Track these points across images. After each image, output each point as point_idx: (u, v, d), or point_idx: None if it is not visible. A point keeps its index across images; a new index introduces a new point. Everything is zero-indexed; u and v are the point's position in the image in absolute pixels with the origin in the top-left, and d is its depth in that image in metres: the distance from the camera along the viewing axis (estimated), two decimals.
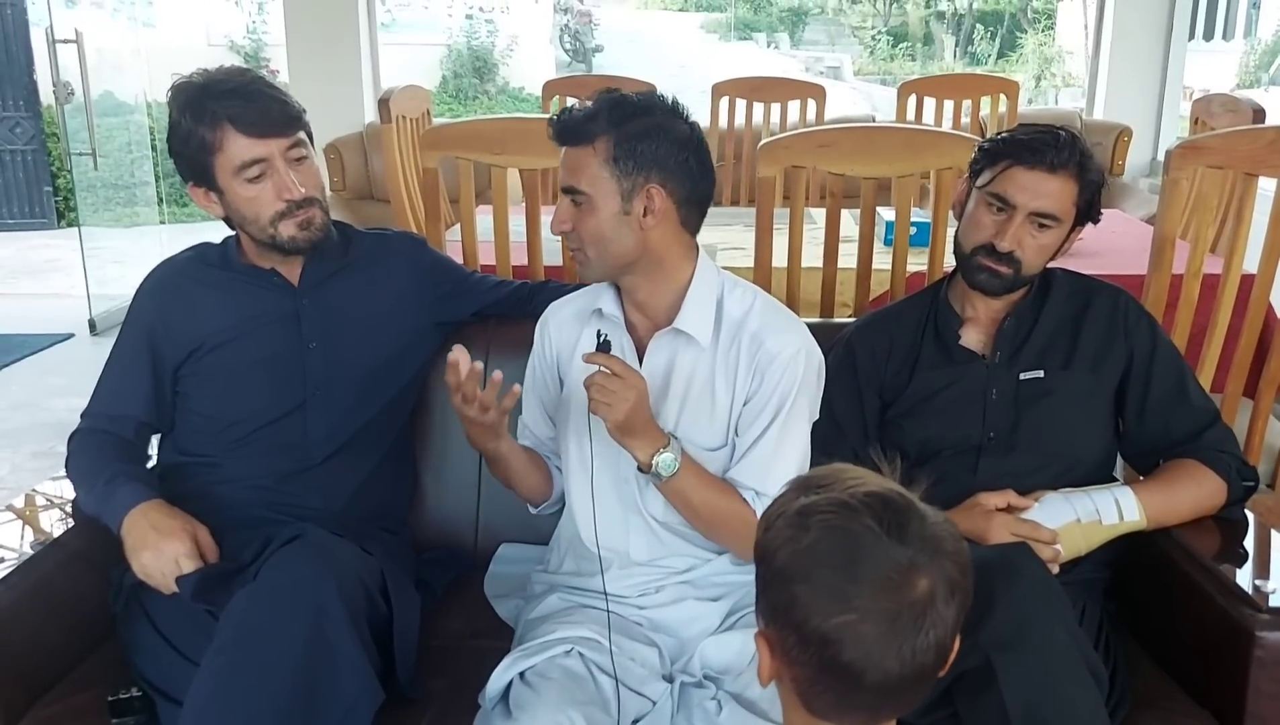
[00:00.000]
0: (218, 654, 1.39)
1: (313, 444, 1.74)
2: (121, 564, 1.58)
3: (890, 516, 0.92)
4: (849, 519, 0.92)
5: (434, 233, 2.36)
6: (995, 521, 1.59)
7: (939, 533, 0.93)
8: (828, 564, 0.91)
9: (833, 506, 0.93)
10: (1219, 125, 2.99)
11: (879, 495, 0.93)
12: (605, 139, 1.50)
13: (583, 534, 1.63)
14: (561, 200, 1.55)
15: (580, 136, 1.51)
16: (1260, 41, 12.89)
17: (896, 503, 0.93)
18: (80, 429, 1.75)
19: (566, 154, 1.53)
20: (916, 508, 0.94)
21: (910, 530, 0.91)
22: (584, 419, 1.55)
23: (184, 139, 1.64)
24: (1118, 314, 1.74)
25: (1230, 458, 1.68)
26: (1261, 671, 1.44)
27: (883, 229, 2.77)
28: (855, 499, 0.93)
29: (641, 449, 1.48)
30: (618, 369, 1.44)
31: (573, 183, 1.53)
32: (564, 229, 1.55)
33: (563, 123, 1.53)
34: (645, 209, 1.52)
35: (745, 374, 1.57)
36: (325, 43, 4.94)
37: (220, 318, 1.73)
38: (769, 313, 1.62)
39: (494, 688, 1.49)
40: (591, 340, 1.56)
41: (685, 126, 1.54)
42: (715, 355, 1.59)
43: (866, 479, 0.96)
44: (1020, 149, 1.65)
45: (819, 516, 0.93)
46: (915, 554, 0.90)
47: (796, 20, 17.62)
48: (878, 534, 0.91)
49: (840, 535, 0.92)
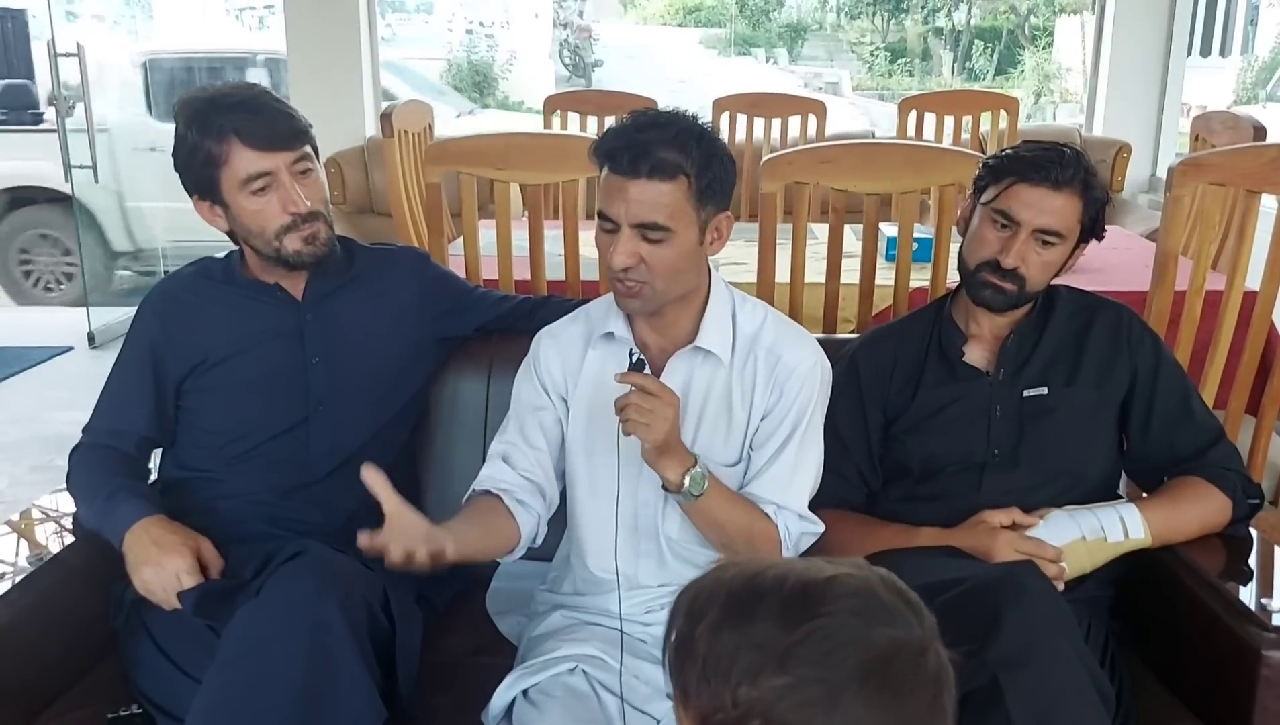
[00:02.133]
0: (219, 670, 1.38)
1: (315, 459, 1.73)
2: (122, 580, 1.57)
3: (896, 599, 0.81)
4: (871, 615, 0.80)
5: (437, 247, 2.36)
6: (1000, 539, 1.59)
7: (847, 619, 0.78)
8: (866, 680, 0.78)
9: (860, 598, 0.80)
10: (1219, 142, 3.00)
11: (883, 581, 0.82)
12: (692, 172, 1.43)
13: (591, 562, 1.61)
14: (628, 235, 1.44)
15: (665, 170, 1.42)
16: (1257, 58, 12.94)
17: (892, 584, 0.82)
18: (81, 444, 1.74)
19: (640, 186, 1.42)
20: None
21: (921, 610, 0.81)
22: (605, 442, 1.51)
23: (190, 152, 1.64)
24: (1121, 331, 1.74)
25: (1235, 475, 1.67)
26: (1268, 690, 1.43)
27: (884, 245, 2.77)
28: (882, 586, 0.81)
29: (673, 469, 1.45)
30: (653, 388, 1.40)
31: (655, 219, 1.43)
32: (631, 263, 1.45)
33: (637, 152, 1.42)
34: (713, 238, 1.50)
35: (763, 389, 1.57)
36: (326, 57, 4.95)
37: (223, 333, 1.73)
38: (781, 327, 1.62)
39: (497, 705, 1.48)
40: (601, 364, 1.56)
41: (728, 150, 1.51)
42: (732, 371, 1.58)
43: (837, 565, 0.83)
44: (1025, 166, 1.65)
45: (846, 615, 0.79)
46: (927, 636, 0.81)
47: (795, 36, 17.67)
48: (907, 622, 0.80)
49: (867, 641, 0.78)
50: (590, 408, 1.59)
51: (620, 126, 1.47)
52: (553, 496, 1.64)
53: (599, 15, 16.51)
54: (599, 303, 1.67)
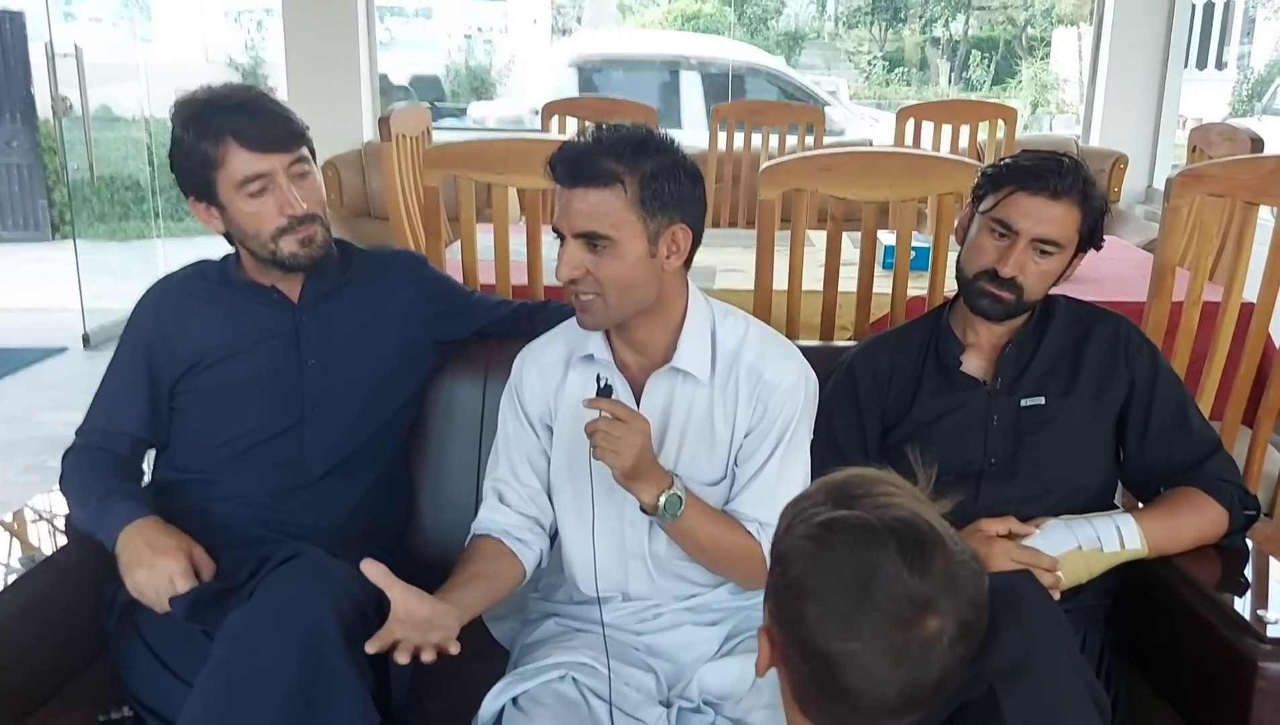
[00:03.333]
0: (212, 674, 1.37)
1: (309, 461, 1.73)
2: (114, 581, 1.57)
3: (914, 549, 0.88)
4: (872, 544, 0.89)
5: (435, 251, 2.36)
6: (996, 548, 1.58)
7: (960, 572, 0.90)
8: (841, 588, 0.89)
9: (859, 526, 0.90)
10: (1217, 154, 3.00)
11: (907, 523, 0.90)
12: (631, 179, 1.41)
13: (580, 582, 1.60)
14: (571, 245, 1.43)
15: (600, 177, 1.40)
16: (1253, 71, 12.99)
17: (924, 534, 0.90)
18: (75, 446, 1.74)
19: (579, 196, 1.41)
20: (944, 542, 0.90)
21: (933, 566, 0.88)
22: (584, 467, 1.50)
23: (187, 153, 1.64)
24: (1119, 342, 1.74)
25: (1232, 487, 1.67)
26: (1264, 702, 1.42)
27: (882, 253, 2.77)
28: (883, 523, 0.89)
29: (647, 492, 1.44)
30: (621, 414, 1.39)
31: (594, 228, 1.41)
32: (576, 275, 1.44)
33: (574, 162, 1.42)
34: (669, 250, 1.46)
35: (746, 406, 1.54)
36: (324, 60, 4.95)
37: (219, 334, 1.73)
38: (764, 341, 1.58)
39: (487, 712, 1.48)
40: (581, 386, 1.54)
41: (691, 163, 1.48)
42: (713, 389, 1.55)
43: (898, 498, 0.93)
44: (1024, 175, 1.65)
45: (842, 535, 0.90)
46: (933, 592, 0.87)
47: (793, 44, 17.71)
48: (898, 566, 0.87)
49: (859, 561, 0.89)
50: (573, 431, 1.55)
51: (569, 141, 1.46)
52: (551, 524, 1.63)
53: (597, 21, 16.54)
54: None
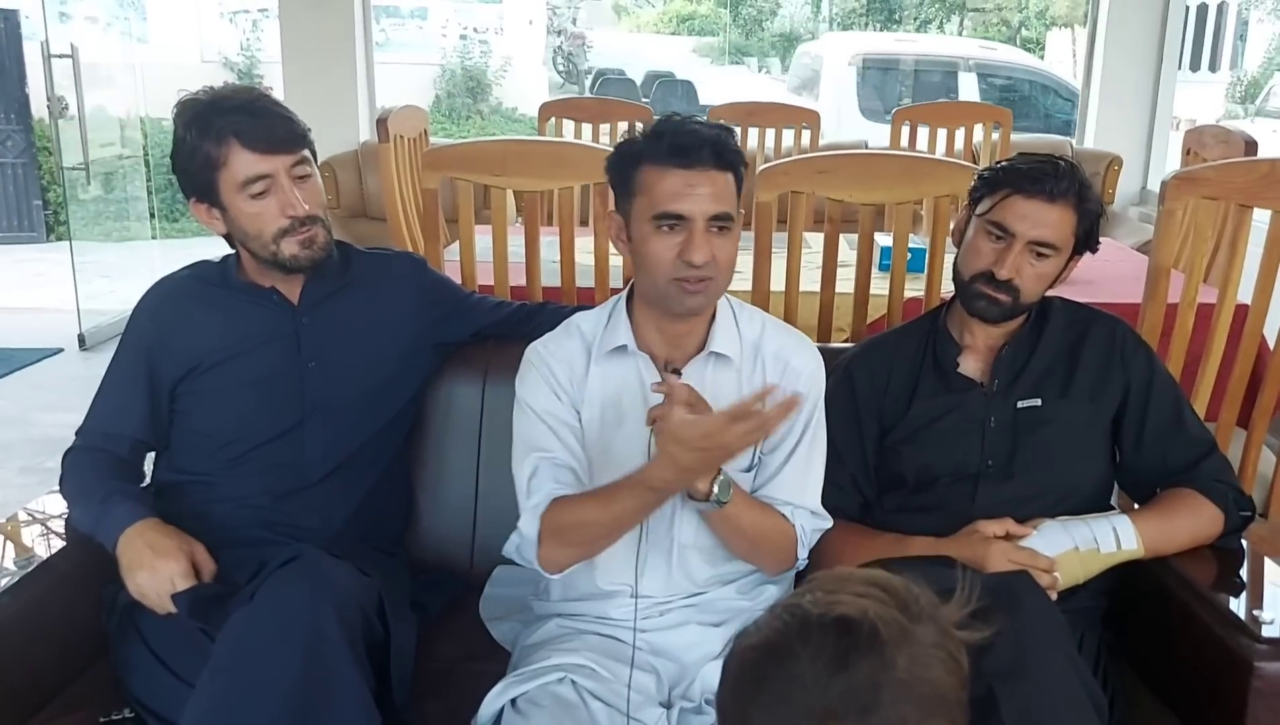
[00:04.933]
0: (214, 675, 1.37)
1: (309, 463, 1.73)
2: (115, 583, 1.57)
3: (836, 648, 0.78)
4: (790, 638, 0.80)
5: (433, 253, 2.37)
6: (994, 549, 1.59)
7: (894, 691, 0.77)
8: (747, 677, 0.82)
9: (790, 616, 0.82)
10: (1211, 156, 3.01)
11: (845, 619, 0.79)
12: (741, 164, 1.49)
13: (599, 576, 1.58)
14: (702, 227, 1.44)
15: (729, 162, 1.45)
16: (1246, 73, 13.03)
17: (857, 632, 0.78)
18: (75, 447, 1.74)
19: (711, 178, 1.44)
20: (883, 649, 0.77)
21: (849, 671, 0.77)
22: (630, 456, 1.48)
23: (189, 154, 1.64)
24: (1115, 344, 1.75)
25: (1228, 488, 1.68)
26: (1260, 702, 1.43)
27: (879, 255, 2.78)
28: (819, 617, 0.80)
29: (702, 478, 1.42)
30: (692, 400, 1.37)
31: (726, 209, 1.45)
32: (709, 259, 1.45)
33: (713, 143, 1.44)
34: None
35: (776, 393, 1.56)
36: (321, 61, 4.95)
37: (219, 336, 1.73)
38: (781, 331, 1.64)
39: (485, 714, 1.47)
40: (614, 379, 1.57)
41: None
42: (741, 376, 1.59)
43: (864, 595, 0.82)
44: (1020, 178, 1.66)
45: (772, 620, 0.83)
46: (836, 702, 0.77)
47: (788, 46, 17.75)
48: (805, 664, 0.78)
49: (769, 653, 0.81)
50: (602, 424, 1.57)
51: (668, 127, 1.47)
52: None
53: (593, 23, 16.57)
54: (587, 318, 1.64)
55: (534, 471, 1.54)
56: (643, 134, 1.50)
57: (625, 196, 1.50)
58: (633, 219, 1.49)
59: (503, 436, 1.71)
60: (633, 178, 1.48)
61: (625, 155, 1.50)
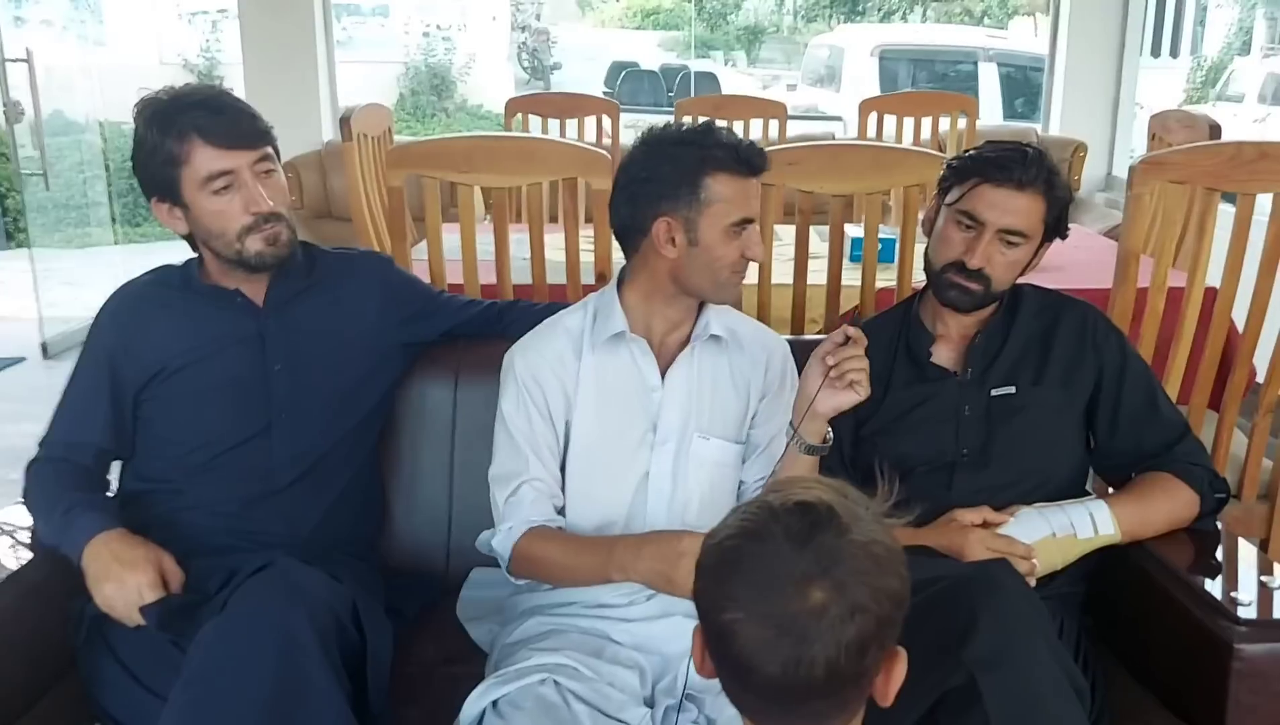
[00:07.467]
0: (186, 687, 1.35)
1: (278, 468, 1.70)
2: (82, 596, 1.53)
3: (801, 525, 0.91)
4: (762, 522, 0.93)
5: (400, 252, 2.34)
6: (972, 537, 1.59)
7: (853, 551, 0.91)
8: (726, 561, 0.93)
9: (757, 508, 0.95)
10: (1175, 141, 3.03)
11: (805, 503, 0.93)
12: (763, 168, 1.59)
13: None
14: (754, 228, 1.58)
15: (763, 168, 1.58)
16: (1206, 58, 13.18)
17: (817, 512, 0.92)
18: (38, 458, 1.70)
19: (752, 185, 1.57)
20: (839, 522, 0.92)
21: (815, 541, 0.90)
22: (635, 439, 1.61)
23: (150, 152, 1.61)
24: (1087, 329, 1.75)
25: (1202, 470, 1.69)
26: (1240, 683, 1.44)
27: (849, 246, 2.78)
28: (781, 505, 0.93)
29: (823, 429, 1.56)
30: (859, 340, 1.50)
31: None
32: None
33: (760, 155, 1.57)
34: None
35: (759, 373, 1.68)
36: (282, 61, 4.90)
37: (182, 340, 1.69)
38: (745, 318, 1.75)
39: (467, 716, 1.46)
40: (599, 367, 1.61)
41: None
42: (730, 357, 1.67)
43: (813, 488, 0.96)
44: (988, 166, 1.66)
45: (740, 515, 0.96)
46: (809, 566, 0.89)
47: (753, 39, 17.78)
48: (779, 541, 0.91)
49: (745, 537, 0.93)
50: (601, 410, 1.62)
51: (732, 140, 1.55)
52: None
53: (557, 18, 16.51)
54: (571, 314, 1.67)
55: (513, 492, 1.60)
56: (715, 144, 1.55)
57: (692, 205, 1.54)
58: (701, 226, 1.54)
59: (475, 438, 1.70)
60: (701, 186, 1.54)
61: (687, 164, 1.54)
